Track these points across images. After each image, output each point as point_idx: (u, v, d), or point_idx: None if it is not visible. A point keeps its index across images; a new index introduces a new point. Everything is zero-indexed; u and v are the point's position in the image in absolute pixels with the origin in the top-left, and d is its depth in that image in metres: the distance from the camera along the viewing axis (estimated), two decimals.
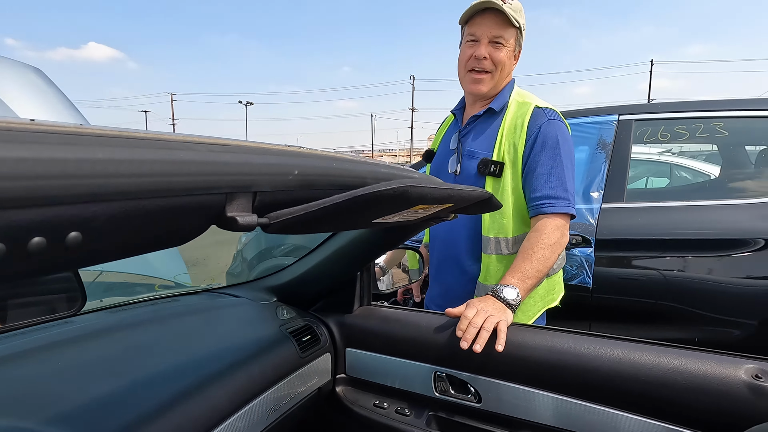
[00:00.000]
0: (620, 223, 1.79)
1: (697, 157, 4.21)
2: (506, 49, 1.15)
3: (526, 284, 1.03)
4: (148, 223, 0.29)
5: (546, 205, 1.10)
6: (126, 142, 0.25)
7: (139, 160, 0.25)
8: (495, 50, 1.15)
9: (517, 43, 1.18)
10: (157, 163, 0.26)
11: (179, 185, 0.28)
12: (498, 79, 1.18)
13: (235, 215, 0.34)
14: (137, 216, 0.27)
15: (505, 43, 1.15)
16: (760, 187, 1.84)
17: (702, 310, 1.70)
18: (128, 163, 0.25)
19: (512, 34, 1.15)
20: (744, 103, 1.85)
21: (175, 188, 0.28)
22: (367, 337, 1.05)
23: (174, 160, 0.28)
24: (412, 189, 0.41)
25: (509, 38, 1.15)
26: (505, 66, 1.17)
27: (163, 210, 0.29)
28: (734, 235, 1.64)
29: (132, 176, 0.25)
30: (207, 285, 1.22)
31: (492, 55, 1.15)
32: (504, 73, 1.18)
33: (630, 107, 1.98)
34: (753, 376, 0.72)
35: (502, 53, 1.15)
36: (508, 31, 1.14)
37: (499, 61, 1.15)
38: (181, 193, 0.29)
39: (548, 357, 0.86)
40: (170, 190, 0.28)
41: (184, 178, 0.29)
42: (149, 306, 0.99)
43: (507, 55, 1.16)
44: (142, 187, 0.26)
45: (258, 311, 1.05)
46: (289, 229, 0.41)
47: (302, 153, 0.42)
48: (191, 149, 0.30)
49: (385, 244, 0.99)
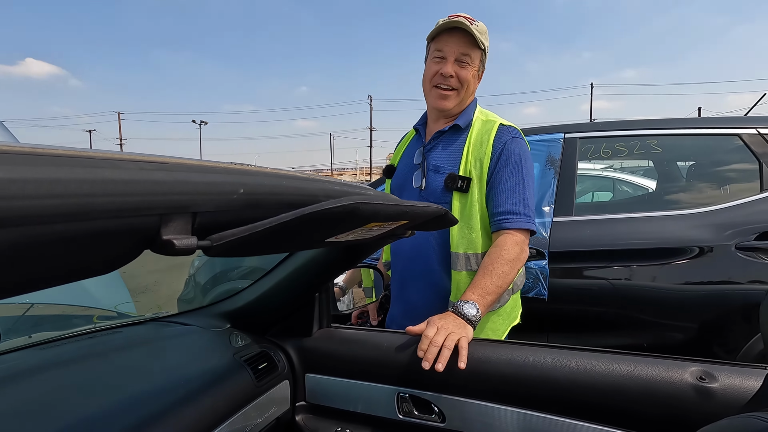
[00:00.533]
0: (570, 236, 1.87)
1: (635, 173, 4.51)
2: (472, 69, 1.19)
3: (486, 300, 1.04)
4: (65, 249, 0.26)
5: (507, 221, 1.12)
6: (36, 160, 0.22)
7: (49, 180, 0.23)
8: (461, 69, 1.18)
9: (482, 63, 1.22)
10: (72, 182, 0.24)
11: (101, 207, 0.26)
12: (464, 96, 1.21)
13: (171, 238, 0.32)
14: (49, 242, 0.24)
15: (471, 62, 1.18)
16: (691, 199, 1.99)
17: (648, 315, 1.79)
18: (34, 183, 0.22)
19: (478, 55, 1.19)
20: (674, 122, 2.02)
21: (96, 210, 0.25)
22: (327, 361, 1.01)
23: (94, 180, 0.25)
24: (363, 206, 0.40)
25: (475, 58, 1.19)
26: (470, 84, 1.20)
27: (83, 235, 0.26)
28: (672, 244, 1.75)
29: (39, 198, 0.22)
30: (153, 314, 1.14)
31: (458, 73, 1.18)
32: (469, 91, 1.21)
33: (575, 126, 2.09)
34: (698, 378, 0.75)
35: (467, 72, 1.18)
36: (474, 51, 1.18)
37: (464, 79, 1.18)
38: (105, 215, 0.26)
39: (509, 371, 0.86)
40: (89, 213, 0.25)
41: (107, 198, 0.26)
42: (86, 340, 0.90)
43: (472, 74, 1.19)
44: (56, 209, 0.23)
45: (209, 339, 0.99)
46: (234, 251, 0.39)
47: (249, 171, 0.41)
48: (118, 167, 0.27)
49: (344, 263, 0.97)
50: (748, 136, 1.84)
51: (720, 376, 0.75)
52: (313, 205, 0.38)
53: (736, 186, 1.86)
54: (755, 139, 1.83)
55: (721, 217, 1.75)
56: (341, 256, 0.94)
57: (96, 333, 0.95)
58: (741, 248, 1.68)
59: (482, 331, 1.19)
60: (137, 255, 0.33)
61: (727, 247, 1.69)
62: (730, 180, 1.90)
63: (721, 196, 1.85)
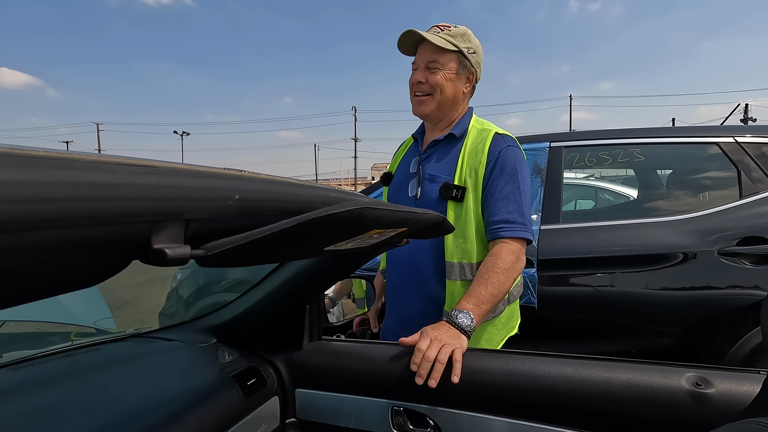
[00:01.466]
0: (558, 243, 1.88)
1: (615, 181, 4.61)
2: (443, 72, 1.19)
3: (481, 309, 1.03)
4: (46, 260, 0.23)
5: (503, 229, 1.11)
6: (13, 161, 0.20)
7: (29, 182, 0.20)
8: (431, 74, 1.19)
9: (461, 65, 1.20)
10: (55, 185, 0.21)
11: (86, 213, 0.23)
12: (441, 100, 1.21)
13: (163, 247, 0.29)
14: (28, 252, 0.22)
15: (442, 66, 1.18)
16: (674, 206, 2.03)
17: (637, 322, 1.81)
18: (12, 185, 0.19)
19: (451, 58, 1.19)
20: (657, 131, 2.06)
21: (80, 216, 0.23)
22: (318, 375, 0.98)
23: (79, 183, 0.23)
24: (368, 211, 0.38)
25: (447, 62, 1.19)
26: (445, 88, 1.20)
27: (66, 244, 0.24)
28: (659, 251, 1.78)
29: (17, 202, 0.20)
30: (135, 329, 1.09)
31: (429, 78, 1.19)
32: (447, 94, 1.20)
33: (560, 135, 2.12)
34: (694, 384, 0.75)
35: (437, 76, 1.19)
36: (444, 55, 1.18)
37: (435, 83, 1.19)
38: (90, 222, 0.24)
39: (505, 381, 0.85)
40: (73, 219, 0.22)
41: (93, 204, 0.24)
42: (62, 359, 0.85)
43: (444, 77, 1.19)
44: (37, 215, 0.21)
45: (195, 355, 0.95)
46: (229, 261, 0.36)
47: (243, 176, 0.38)
48: (105, 170, 0.25)
49: (336, 273, 0.95)
50: (726, 144, 1.90)
51: (715, 381, 0.75)
52: (316, 210, 0.36)
53: (716, 193, 1.91)
54: (733, 147, 1.88)
55: (704, 223, 1.79)
56: (334, 266, 0.92)
57: (73, 351, 0.90)
58: (723, 254, 1.72)
59: (477, 342, 1.18)
60: (125, 266, 0.30)
61: (710, 253, 1.72)
62: (711, 187, 1.95)
63: (702, 203, 1.90)
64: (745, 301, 1.70)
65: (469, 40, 1.20)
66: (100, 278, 0.30)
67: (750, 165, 1.84)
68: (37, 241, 0.22)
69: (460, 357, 0.86)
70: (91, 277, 0.29)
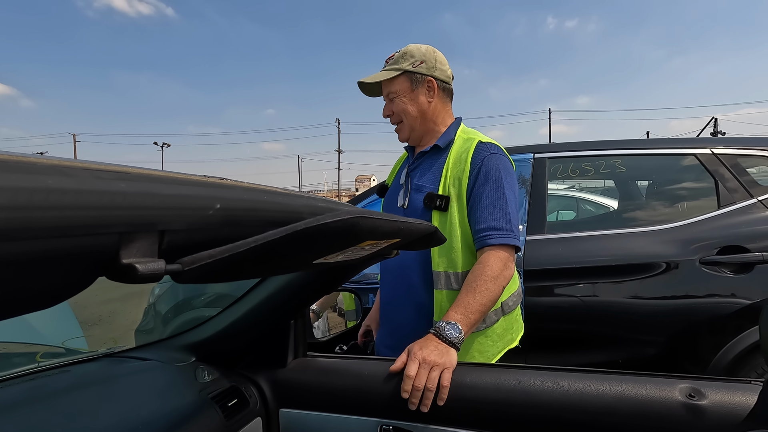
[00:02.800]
0: (544, 254, 1.88)
1: (594, 192, 4.70)
2: (400, 98, 1.24)
3: (469, 319, 1.01)
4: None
5: (490, 237, 1.10)
6: None
7: None
8: (393, 104, 1.26)
9: (413, 81, 1.23)
10: (5, 191, 0.18)
11: (44, 223, 0.20)
12: (411, 123, 1.26)
13: (133, 262, 0.26)
14: None
15: (397, 94, 1.24)
16: (652, 216, 2.07)
17: (623, 331, 1.82)
18: None
19: (400, 82, 1.23)
20: (638, 143, 2.11)
21: (37, 227, 0.20)
22: (303, 394, 0.94)
23: (34, 188, 0.20)
24: (363, 221, 0.35)
25: (398, 87, 1.24)
26: (407, 110, 1.24)
27: (20, 258, 0.20)
28: (643, 260, 1.80)
29: None
30: (108, 348, 1.03)
31: (393, 109, 1.26)
32: (412, 114, 1.25)
33: (543, 146, 2.15)
34: (687, 396, 0.74)
35: (397, 104, 1.25)
36: (393, 84, 1.24)
37: (399, 110, 1.25)
38: (49, 233, 0.21)
39: (497, 396, 0.82)
40: (28, 230, 0.19)
41: (52, 212, 0.20)
42: (27, 382, 0.79)
43: (404, 102, 1.24)
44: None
45: (172, 375, 0.90)
46: (208, 277, 0.33)
47: (225, 184, 0.36)
48: (67, 175, 0.22)
49: (323, 287, 0.91)
50: (704, 155, 1.95)
51: (708, 392, 0.74)
52: (306, 220, 0.34)
53: (695, 203, 1.95)
54: (710, 158, 1.93)
55: (685, 233, 1.82)
56: (321, 279, 0.88)
57: (39, 373, 0.84)
58: (705, 263, 1.74)
59: (468, 353, 1.15)
60: (89, 284, 0.27)
61: (692, 262, 1.75)
62: (691, 197, 1.99)
63: (683, 213, 1.94)
64: (727, 309, 1.72)
65: (411, 55, 1.23)
66: (60, 298, 0.26)
67: (726, 175, 1.89)
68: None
69: (448, 382, 0.86)
70: (50, 297, 0.26)
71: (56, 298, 0.26)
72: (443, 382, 0.85)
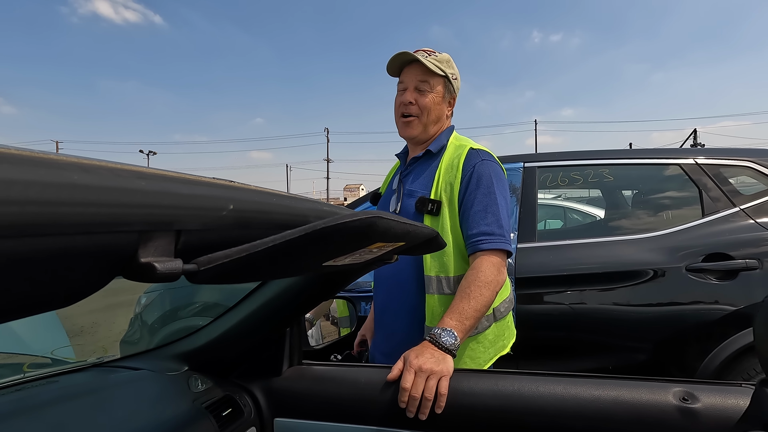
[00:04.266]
0: (535, 261, 1.90)
1: (581, 201, 4.78)
2: (432, 95, 1.22)
3: (464, 325, 1.01)
4: (17, 274, 0.20)
5: (482, 242, 1.11)
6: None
7: (3, 181, 0.17)
8: (420, 96, 1.22)
9: (447, 90, 1.25)
10: (34, 185, 0.18)
11: (68, 219, 0.20)
12: (427, 122, 1.23)
13: (151, 260, 0.26)
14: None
15: (430, 89, 1.21)
16: (639, 225, 2.11)
17: (614, 338, 1.84)
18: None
19: (439, 82, 1.23)
20: (625, 153, 2.16)
21: (61, 223, 0.19)
22: (298, 403, 0.92)
23: (61, 183, 0.19)
24: (380, 221, 0.36)
25: (435, 85, 1.22)
26: (432, 110, 1.22)
27: (42, 254, 0.20)
28: (632, 267, 1.83)
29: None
30: (97, 358, 1.00)
31: (418, 100, 1.22)
32: (432, 116, 1.23)
33: (533, 156, 2.18)
34: (681, 399, 0.75)
35: (427, 98, 1.21)
36: (433, 78, 1.21)
37: (424, 105, 1.21)
38: (71, 230, 0.20)
39: (494, 403, 0.82)
40: (52, 225, 0.19)
41: (76, 208, 0.20)
42: (13, 393, 0.76)
43: (433, 100, 1.22)
44: (10, 219, 0.17)
45: (164, 385, 0.88)
46: (222, 278, 0.33)
47: (237, 187, 0.36)
48: (89, 171, 0.22)
49: (322, 293, 0.91)
50: (688, 165, 2.00)
51: (701, 396, 0.76)
52: (325, 219, 0.34)
53: (680, 211, 2.00)
54: (693, 168, 1.99)
55: (672, 240, 1.86)
56: (319, 285, 0.88)
57: (25, 384, 0.81)
58: (691, 270, 1.78)
59: (459, 359, 1.15)
60: (107, 282, 0.26)
61: (678, 269, 1.79)
62: (676, 206, 2.04)
63: (668, 221, 1.98)
64: (713, 315, 1.76)
65: (452, 66, 1.25)
66: (76, 297, 0.26)
67: (709, 185, 1.94)
68: (7, 250, 0.18)
69: (445, 390, 0.85)
70: (67, 296, 0.25)
71: (74, 297, 0.25)
72: (441, 390, 0.85)
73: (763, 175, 1.93)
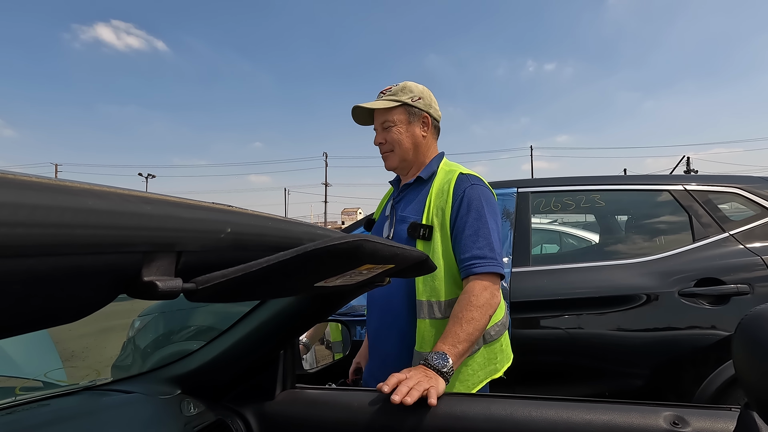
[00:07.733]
0: (529, 286, 1.91)
1: (576, 226, 4.81)
2: (396, 128, 1.28)
3: (457, 349, 1.02)
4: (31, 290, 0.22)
5: (475, 266, 1.13)
6: (15, 183, 0.19)
7: (30, 205, 0.19)
8: (387, 133, 1.29)
9: (410, 114, 1.29)
10: (54, 210, 0.20)
11: (82, 240, 0.22)
12: (402, 152, 1.29)
13: (153, 279, 0.28)
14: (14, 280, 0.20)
15: (393, 123, 1.28)
16: (632, 250, 2.14)
17: (609, 363, 1.83)
18: (13, 207, 0.18)
19: (398, 112, 1.28)
20: (616, 179, 2.20)
21: (75, 243, 0.22)
22: (291, 427, 0.92)
23: (77, 208, 0.22)
24: (366, 244, 0.38)
25: (396, 117, 1.28)
26: (402, 141, 1.28)
27: (55, 272, 0.22)
28: (625, 292, 1.84)
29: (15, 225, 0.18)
30: (89, 381, 1.00)
31: (386, 137, 1.29)
32: (405, 145, 1.29)
33: (527, 181, 2.23)
34: (671, 424, 0.76)
35: (392, 133, 1.28)
36: (391, 113, 1.28)
37: (392, 140, 1.29)
38: (83, 250, 0.22)
39: (486, 427, 0.82)
40: (67, 246, 0.21)
41: (89, 231, 0.22)
42: (5, 416, 0.76)
43: (399, 131, 1.28)
44: (33, 240, 0.20)
45: (157, 408, 0.87)
46: (219, 296, 0.35)
47: (233, 210, 0.38)
48: (101, 197, 0.24)
49: (316, 315, 0.92)
50: (677, 191, 2.04)
51: (691, 420, 0.76)
52: (315, 242, 0.36)
53: (672, 237, 2.03)
54: (683, 194, 2.03)
55: (664, 265, 1.88)
56: (313, 307, 0.89)
57: (16, 408, 0.81)
58: (683, 294, 1.80)
59: (450, 383, 1.15)
60: (111, 300, 0.28)
61: (671, 294, 1.80)
62: (667, 231, 2.07)
63: (660, 246, 2.00)
64: (707, 340, 1.76)
65: (410, 90, 1.30)
66: (83, 313, 0.28)
67: (699, 211, 1.98)
68: (28, 268, 0.20)
69: (435, 399, 0.85)
70: (74, 311, 0.27)
71: (80, 313, 0.27)
72: (430, 392, 0.85)
73: (751, 202, 1.97)
